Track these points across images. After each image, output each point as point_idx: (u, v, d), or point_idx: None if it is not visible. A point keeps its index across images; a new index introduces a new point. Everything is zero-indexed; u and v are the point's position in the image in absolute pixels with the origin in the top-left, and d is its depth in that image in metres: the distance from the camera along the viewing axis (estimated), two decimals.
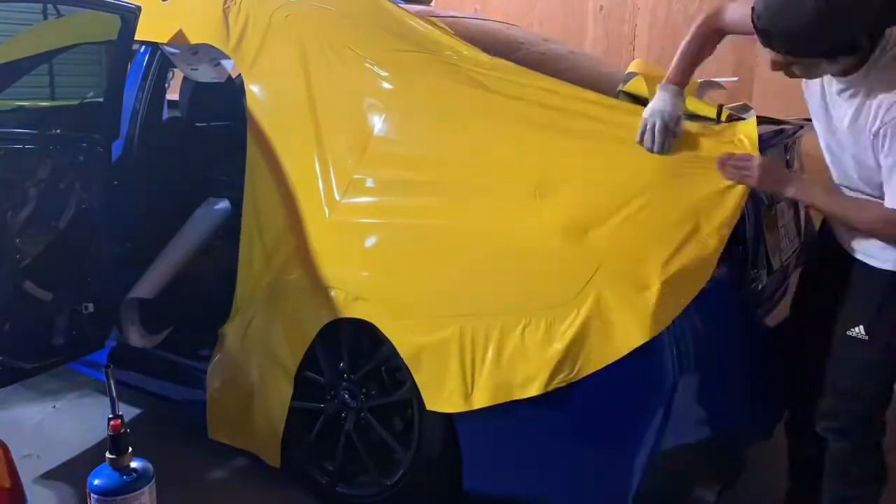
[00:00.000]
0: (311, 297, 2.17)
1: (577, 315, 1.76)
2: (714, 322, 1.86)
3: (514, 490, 2.02)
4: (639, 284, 1.73)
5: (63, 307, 2.46)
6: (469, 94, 2.04)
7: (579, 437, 1.90)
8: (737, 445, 2.02)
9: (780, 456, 2.19)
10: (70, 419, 2.88)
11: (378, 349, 2.12)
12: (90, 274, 2.51)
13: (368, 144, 2.11)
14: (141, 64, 2.72)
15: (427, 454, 2.08)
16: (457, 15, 2.76)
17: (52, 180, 2.35)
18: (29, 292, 2.33)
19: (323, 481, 2.31)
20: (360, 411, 2.23)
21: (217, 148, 2.99)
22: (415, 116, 2.13)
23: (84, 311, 2.50)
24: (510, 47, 2.47)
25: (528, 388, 1.82)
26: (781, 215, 2.28)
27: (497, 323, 1.85)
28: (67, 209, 2.42)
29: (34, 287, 2.34)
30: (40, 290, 2.36)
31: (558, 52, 2.68)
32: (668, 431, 1.80)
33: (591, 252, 1.78)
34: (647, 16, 4.64)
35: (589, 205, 1.82)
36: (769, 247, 2.11)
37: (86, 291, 2.50)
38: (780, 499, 2.21)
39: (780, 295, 2.24)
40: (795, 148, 2.48)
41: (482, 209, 1.93)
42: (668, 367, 1.79)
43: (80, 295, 2.49)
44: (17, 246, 2.29)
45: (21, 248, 2.30)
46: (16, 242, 2.28)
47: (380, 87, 2.14)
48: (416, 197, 2.02)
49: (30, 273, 2.34)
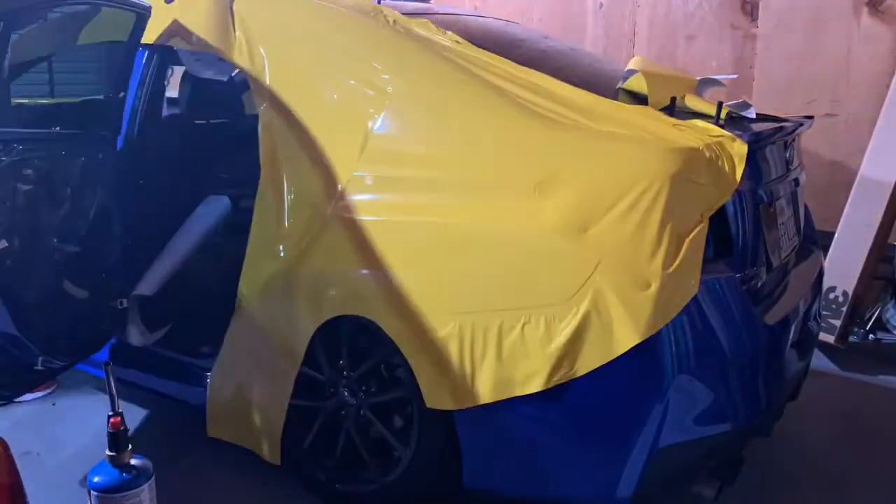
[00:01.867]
0: (312, 295, 2.18)
1: (576, 312, 1.76)
2: (713, 319, 1.86)
3: (513, 487, 2.02)
4: (638, 282, 1.73)
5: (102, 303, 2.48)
6: (469, 90, 2.04)
7: (579, 434, 1.90)
8: (736, 443, 2.02)
9: (780, 453, 2.19)
10: (69, 416, 2.88)
11: (378, 346, 2.12)
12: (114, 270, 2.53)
13: (367, 141, 2.11)
14: (140, 61, 2.72)
15: (427, 451, 2.09)
16: (456, 12, 2.75)
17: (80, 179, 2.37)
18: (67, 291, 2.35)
19: (323, 479, 2.31)
20: (360, 409, 2.23)
21: (216, 145, 2.99)
22: (414, 113, 2.13)
23: (119, 306, 2.54)
24: (510, 45, 2.47)
25: (529, 385, 1.82)
26: (781, 213, 2.28)
27: (497, 320, 1.85)
28: (93, 206, 2.44)
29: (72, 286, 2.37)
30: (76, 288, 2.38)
31: (559, 50, 2.68)
32: (667, 429, 1.80)
33: (591, 249, 1.78)
34: (646, 13, 4.64)
35: (589, 202, 1.82)
36: (768, 244, 2.11)
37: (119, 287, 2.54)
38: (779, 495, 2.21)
39: (779, 292, 2.24)
40: (795, 145, 2.48)
41: (482, 206, 1.92)
42: (668, 364, 1.79)
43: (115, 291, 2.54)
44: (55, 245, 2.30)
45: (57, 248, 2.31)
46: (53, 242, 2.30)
47: (378, 82, 2.14)
48: (417, 194, 2.02)
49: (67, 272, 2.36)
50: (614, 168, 1.84)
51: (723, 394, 1.90)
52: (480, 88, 2.03)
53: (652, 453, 1.81)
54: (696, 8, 4.44)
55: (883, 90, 3.78)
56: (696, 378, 1.83)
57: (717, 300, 1.86)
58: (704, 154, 1.82)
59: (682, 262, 1.75)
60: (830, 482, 2.50)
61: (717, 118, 2.04)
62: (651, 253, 1.74)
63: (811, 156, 3.68)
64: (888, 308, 3.88)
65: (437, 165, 2.02)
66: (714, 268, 1.87)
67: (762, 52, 4.24)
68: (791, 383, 2.31)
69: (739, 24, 4.30)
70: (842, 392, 3.28)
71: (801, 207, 2.60)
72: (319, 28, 2.33)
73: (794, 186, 2.47)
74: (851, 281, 3.62)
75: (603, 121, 1.93)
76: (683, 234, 1.77)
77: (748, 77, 4.25)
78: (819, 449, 2.73)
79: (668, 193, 1.75)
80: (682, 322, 1.78)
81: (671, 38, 4.55)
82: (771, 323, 2.03)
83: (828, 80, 4.02)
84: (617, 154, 1.87)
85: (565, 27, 4.93)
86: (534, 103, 1.97)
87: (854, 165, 3.83)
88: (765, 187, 2.12)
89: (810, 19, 4.07)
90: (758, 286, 2.04)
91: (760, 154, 2.11)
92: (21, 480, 1.78)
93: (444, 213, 1.97)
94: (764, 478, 2.48)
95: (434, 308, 1.95)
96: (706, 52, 4.43)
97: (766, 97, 4.09)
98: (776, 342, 2.06)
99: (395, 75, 2.15)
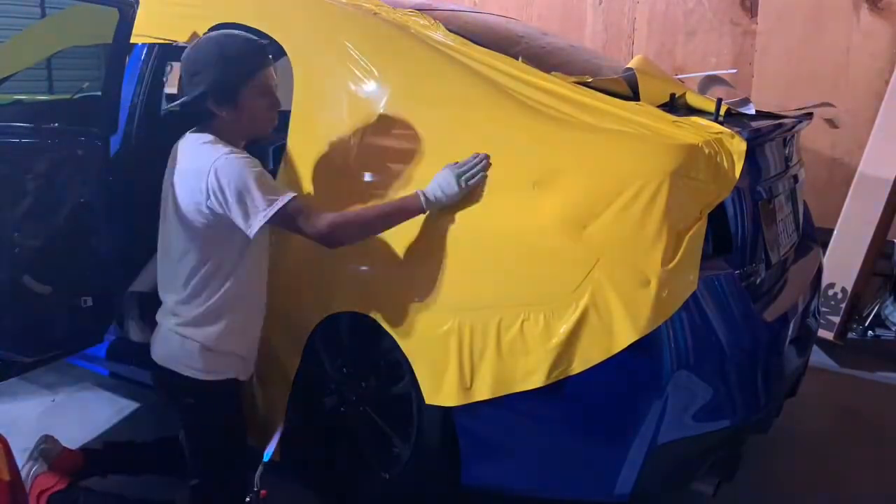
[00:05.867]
0: (311, 291, 2.18)
1: (575, 309, 1.76)
2: (712, 316, 1.86)
3: (511, 484, 2.02)
4: (638, 278, 1.73)
5: (62, 301, 2.46)
6: (468, 85, 2.04)
7: (577, 430, 1.90)
8: (734, 439, 2.02)
9: (778, 450, 2.20)
10: (69, 413, 2.88)
11: (378, 343, 2.12)
12: (89, 268, 2.51)
13: (365, 136, 2.10)
14: (139, 58, 2.71)
15: (426, 448, 2.09)
16: (455, 8, 2.75)
17: (50, 174, 2.35)
18: (28, 286, 2.33)
19: (322, 475, 2.31)
20: (360, 405, 2.23)
21: None
22: (411, 108, 2.12)
23: (83, 304, 2.50)
24: (510, 41, 2.47)
25: (529, 381, 1.82)
26: (780, 209, 2.28)
27: (496, 316, 1.85)
28: (65, 203, 2.42)
29: (32, 281, 2.34)
30: (39, 285, 2.36)
31: (558, 46, 2.68)
32: (665, 425, 1.80)
33: (590, 246, 1.78)
34: (645, 10, 4.64)
35: (588, 198, 1.82)
36: (767, 241, 2.11)
37: (85, 285, 2.50)
38: (777, 492, 2.21)
39: (778, 289, 2.24)
40: (794, 142, 2.47)
41: (481, 202, 1.92)
42: (666, 360, 1.79)
43: (79, 289, 2.49)
44: (16, 240, 2.29)
45: (19, 243, 2.29)
46: (14, 236, 2.28)
47: (376, 77, 2.14)
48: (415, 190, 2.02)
49: (29, 267, 2.33)
50: (613, 164, 1.84)
51: (721, 390, 1.90)
52: (479, 84, 2.03)
53: (650, 450, 1.81)
54: (695, 4, 4.44)
55: (882, 87, 3.79)
56: (695, 374, 1.83)
57: (716, 297, 1.86)
58: (704, 151, 1.82)
59: (682, 259, 1.75)
60: (829, 479, 2.51)
61: (717, 115, 2.04)
62: (650, 249, 1.74)
63: (810, 152, 3.68)
64: (887, 305, 3.88)
65: (435, 162, 2.02)
66: (713, 264, 1.87)
67: (761, 48, 4.24)
68: (790, 380, 2.31)
69: (739, 21, 4.30)
70: (840, 389, 3.29)
71: (800, 204, 2.60)
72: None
73: (794, 183, 2.47)
74: (850, 278, 3.63)
75: (602, 117, 1.93)
76: (682, 231, 1.77)
77: (747, 73, 4.25)
78: (817, 445, 2.73)
79: (668, 190, 1.75)
80: (682, 318, 1.78)
81: (670, 35, 4.55)
82: (770, 319, 2.03)
83: (827, 76, 4.02)
84: (616, 150, 1.87)
85: (564, 23, 4.93)
86: (533, 99, 1.97)
87: (853, 162, 3.84)
88: (764, 184, 2.12)
89: (810, 16, 4.07)
90: (757, 283, 2.05)
91: (759, 151, 2.11)
92: (21, 478, 1.79)
93: (442, 209, 1.97)
94: (762, 474, 2.48)
95: (433, 304, 1.95)
96: (705, 49, 4.43)
97: (766, 93, 4.09)
98: (775, 339, 2.06)
99: (391, 70, 2.15)
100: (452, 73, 2.07)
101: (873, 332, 3.82)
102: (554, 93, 1.98)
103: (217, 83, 1.85)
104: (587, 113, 1.93)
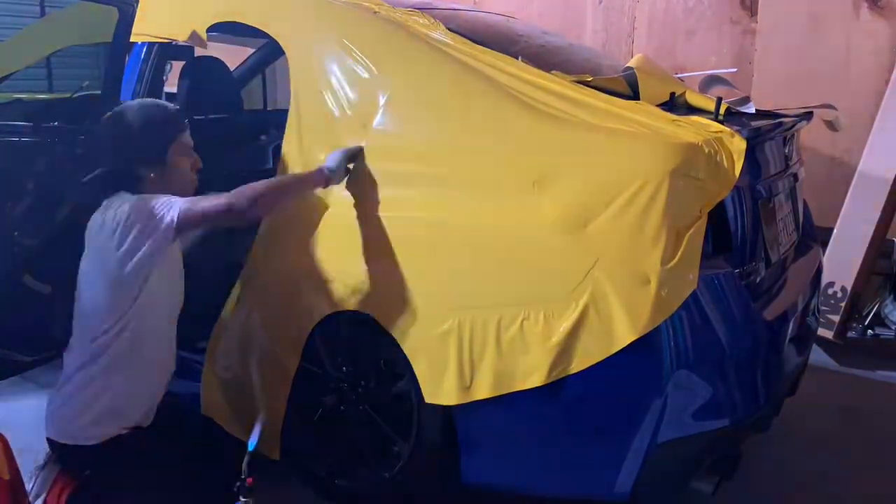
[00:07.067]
0: (311, 290, 2.17)
1: (575, 308, 1.76)
2: (712, 315, 1.86)
3: (511, 483, 2.02)
4: (637, 277, 1.73)
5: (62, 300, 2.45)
6: (468, 85, 2.04)
7: (577, 429, 1.90)
8: (734, 438, 2.02)
9: (778, 448, 2.20)
10: None
11: (377, 342, 2.12)
12: None
13: (366, 137, 2.10)
14: (138, 56, 2.71)
15: (426, 447, 2.09)
16: (455, 7, 2.75)
17: (51, 173, 2.35)
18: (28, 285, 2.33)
19: (322, 474, 2.31)
20: (359, 404, 2.23)
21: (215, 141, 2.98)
22: (411, 108, 2.13)
23: None
24: (510, 40, 2.47)
25: (529, 380, 1.82)
26: (780, 208, 2.28)
27: (496, 315, 1.85)
28: (65, 202, 2.42)
29: (32, 280, 2.34)
30: (39, 284, 2.36)
31: (558, 45, 2.68)
32: (665, 424, 1.80)
33: (590, 245, 1.78)
34: (646, 9, 4.64)
35: (588, 197, 1.82)
36: (767, 240, 2.11)
37: None
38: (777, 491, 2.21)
39: (778, 287, 2.24)
40: (794, 141, 2.48)
41: (481, 202, 1.92)
42: (666, 359, 1.79)
43: None
44: (16, 239, 2.29)
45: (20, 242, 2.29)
46: (14, 236, 2.28)
47: (375, 76, 2.14)
48: (416, 190, 2.02)
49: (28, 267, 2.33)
50: (613, 163, 1.84)
51: (721, 389, 1.90)
52: (479, 83, 2.03)
53: (650, 448, 1.81)
54: (695, 3, 4.43)
55: (882, 86, 3.79)
56: (695, 373, 1.84)
57: (716, 295, 1.86)
58: (703, 149, 1.82)
59: (681, 258, 1.75)
60: (828, 478, 2.51)
61: (717, 114, 2.04)
62: (650, 248, 1.74)
63: (810, 151, 3.68)
64: (887, 304, 3.88)
65: (435, 161, 2.02)
66: (713, 263, 1.87)
67: (761, 47, 4.24)
68: (789, 379, 2.32)
69: (739, 20, 4.30)
70: (840, 388, 3.29)
71: (799, 203, 2.60)
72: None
73: (793, 182, 2.47)
74: (850, 276, 3.63)
75: (602, 116, 1.93)
76: (682, 230, 1.77)
77: (747, 72, 4.25)
78: (817, 445, 2.73)
79: (668, 189, 1.75)
80: (681, 317, 1.78)
81: (670, 34, 4.55)
82: (769, 318, 2.04)
83: (827, 75, 4.02)
84: (616, 149, 1.87)
85: (564, 22, 4.93)
86: (533, 98, 1.97)
87: (853, 161, 3.83)
88: (764, 183, 2.12)
89: (810, 15, 4.07)
90: (756, 282, 2.05)
91: (759, 149, 2.12)
92: (21, 476, 1.79)
93: (442, 208, 1.97)
94: (762, 473, 2.48)
95: (433, 303, 1.95)
96: (705, 48, 4.43)
97: (766, 92, 4.09)
98: (775, 338, 2.06)
99: (391, 69, 2.14)
100: (452, 72, 2.07)
101: (873, 331, 3.82)
102: (554, 91, 1.99)
103: (146, 147, 1.96)
104: (587, 112, 1.93)
